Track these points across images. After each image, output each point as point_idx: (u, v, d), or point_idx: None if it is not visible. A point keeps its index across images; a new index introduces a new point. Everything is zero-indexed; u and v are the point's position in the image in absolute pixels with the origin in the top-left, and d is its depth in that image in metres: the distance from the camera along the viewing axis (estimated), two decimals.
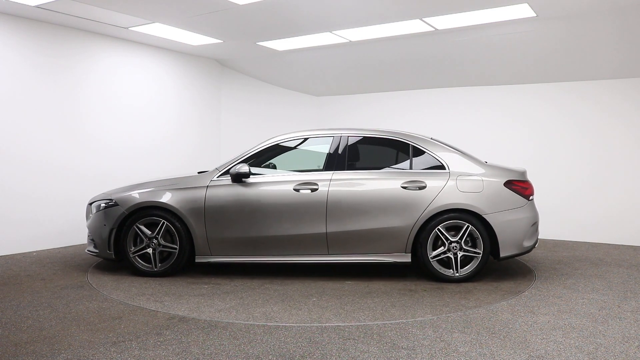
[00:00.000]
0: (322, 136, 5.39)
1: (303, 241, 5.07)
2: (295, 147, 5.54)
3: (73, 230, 6.85)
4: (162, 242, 5.20)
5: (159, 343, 3.40)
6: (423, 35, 6.63)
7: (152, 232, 5.20)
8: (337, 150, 5.25)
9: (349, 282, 5.02)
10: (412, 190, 4.99)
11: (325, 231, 5.02)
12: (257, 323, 3.81)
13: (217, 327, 3.70)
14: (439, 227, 4.95)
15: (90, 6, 5.80)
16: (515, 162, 6.94)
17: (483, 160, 5.37)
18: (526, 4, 5.37)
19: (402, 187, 5.00)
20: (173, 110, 8.12)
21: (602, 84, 7.23)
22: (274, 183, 5.16)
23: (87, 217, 5.56)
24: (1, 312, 4.05)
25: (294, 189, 5.08)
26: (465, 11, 5.65)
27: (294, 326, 3.73)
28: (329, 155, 5.26)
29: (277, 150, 5.46)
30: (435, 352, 3.25)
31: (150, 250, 5.21)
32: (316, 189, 5.05)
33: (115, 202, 5.29)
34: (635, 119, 7.02)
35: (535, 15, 5.70)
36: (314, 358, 3.17)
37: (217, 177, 5.23)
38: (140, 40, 7.43)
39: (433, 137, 5.45)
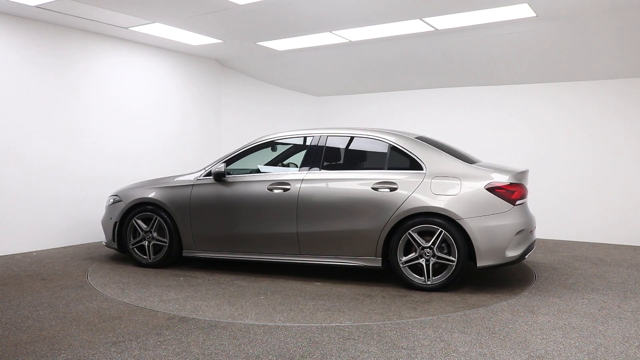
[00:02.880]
0: (304, 136, 5.37)
1: (276, 240, 5.11)
2: (278, 148, 5.60)
3: (73, 230, 6.86)
4: (155, 235, 5.57)
5: (159, 343, 3.40)
6: (423, 35, 6.63)
7: (148, 227, 5.59)
8: (314, 150, 5.20)
9: (319, 283, 4.98)
10: (383, 192, 4.74)
11: (296, 231, 5.01)
12: (258, 323, 3.81)
13: (217, 327, 3.71)
14: (410, 231, 4.63)
15: (90, 6, 5.80)
16: (515, 162, 6.95)
17: (478, 160, 5.21)
18: (526, 4, 5.37)
19: (373, 188, 4.78)
20: (173, 110, 8.12)
21: (602, 84, 7.23)
22: (250, 182, 5.25)
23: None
24: (1, 312, 4.05)
25: (268, 189, 5.12)
26: (465, 11, 5.65)
27: (294, 326, 3.73)
28: (305, 155, 5.24)
29: (261, 150, 5.51)
30: (435, 352, 3.25)
31: (145, 243, 5.61)
32: (288, 189, 5.05)
33: (119, 198, 5.78)
34: (636, 119, 7.02)
35: (535, 15, 5.69)
36: (314, 358, 3.17)
37: (203, 177, 5.46)
38: (140, 40, 7.43)
39: (422, 136, 5.22)
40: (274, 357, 3.19)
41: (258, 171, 5.46)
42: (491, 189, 4.57)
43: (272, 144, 5.53)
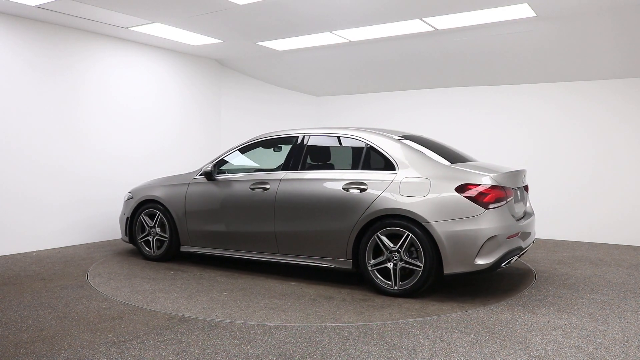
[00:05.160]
0: (290, 136, 5.38)
1: (257, 239, 5.19)
2: (266, 148, 5.67)
3: (73, 231, 6.86)
4: (158, 231, 5.89)
5: (159, 343, 3.40)
6: (423, 35, 6.63)
7: (152, 222, 5.93)
8: (295, 149, 5.22)
9: (294, 282, 5.00)
10: (353, 192, 4.64)
11: (274, 230, 5.06)
12: (258, 323, 3.81)
13: (217, 327, 3.71)
14: (378, 233, 4.47)
15: (90, 6, 5.80)
16: (514, 162, 6.95)
17: (473, 160, 5.09)
18: (526, 4, 5.37)
19: (344, 188, 4.69)
20: (174, 110, 8.11)
21: (602, 84, 7.23)
22: (236, 182, 5.39)
23: None
24: (1, 312, 4.05)
25: (250, 188, 5.22)
26: (465, 11, 5.65)
27: (294, 326, 3.74)
28: (287, 155, 5.28)
29: (251, 150, 5.61)
30: (435, 352, 3.25)
31: (150, 238, 5.94)
32: (267, 189, 5.12)
33: (132, 195, 6.16)
34: (636, 119, 7.02)
35: (535, 15, 5.70)
36: (314, 358, 3.17)
37: (198, 176, 5.70)
38: (140, 40, 7.43)
39: (412, 135, 5.11)
40: (274, 357, 3.19)
41: (247, 170, 5.59)
42: (462, 191, 4.29)
43: (261, 144, 5.58)
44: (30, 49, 6.38)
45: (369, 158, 4.82)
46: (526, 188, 5.17)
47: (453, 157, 4.88)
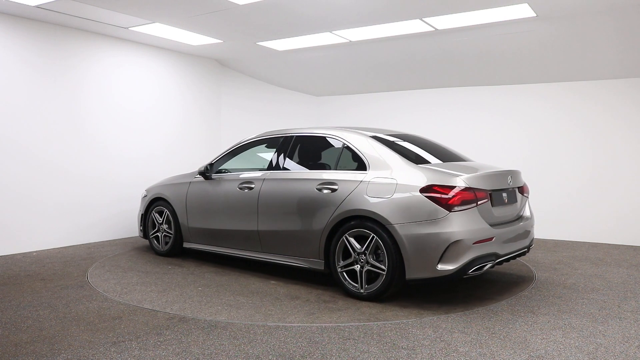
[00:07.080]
0: (278, 136, 5.40)
1: (244, 237, 5.30)
2: (258, 148, 5.74)
3: (73, 231, 6.86)
4: (165, 228, 6.15)
5: (159, 343, 3.40)
6: (423, 35, 6.63)
7: (161, 219, 6.21)
8: (281, 150, 5.27)
9: (273, 281, 5.04)
10: (325, 192, 4.62)
11: (257, 229, 5.14)
12: (258, 323, 3.81)
13: (217, 327, 3.71)
14: (346, 235, 4.41)
15: (90, 6, 5.80)
16: (514, 163, 6.95)
17: (468, 159, 5.01)
18: (526, 4, 5.37)
19: (317, 188, 4.68)
20: (175, 110, 8.11)
21: (602, 84, 7.23)
22: (227, 181, 5.54)
23: None
24: (1, 312, 4.05)
25: (239, 187, 5.33)
26: (465, 11, 5.65)
27: (294, 326, 3.74)
28: (274, 155, 5.33)
29: (244, 151, 5.69)
30: (435, 352, 3.25)
31: (159, 234, 6.22)
32: (252, 188, 5.21)
33: (146, 193, 6.47)
34: (636, 119, 7.01)
35: (535, 15, 5.70)
36: (314, 358, 3.17)
37: (198, 175, 5.88)
38: (140, 40, 7.43)
39: (406, 134, 5.06)
40: (274, 357, 3.19)
41: (241, 170, 5.67)
42: (426, 192, 4.11)
43: (254, 145, 5.62)
44: (30, 49, 6.38)
45: (345, 158, 4.79)
46: (522, 190, 4.94)
47: (446, 157, 4.83)
